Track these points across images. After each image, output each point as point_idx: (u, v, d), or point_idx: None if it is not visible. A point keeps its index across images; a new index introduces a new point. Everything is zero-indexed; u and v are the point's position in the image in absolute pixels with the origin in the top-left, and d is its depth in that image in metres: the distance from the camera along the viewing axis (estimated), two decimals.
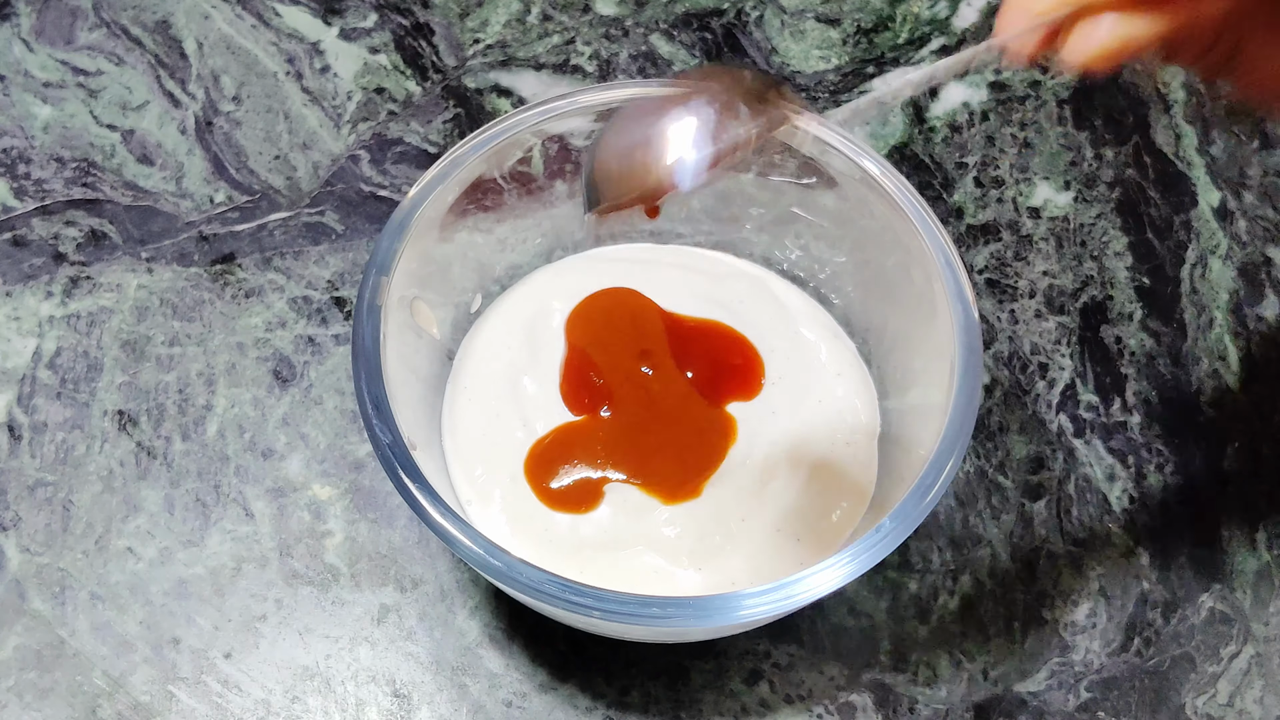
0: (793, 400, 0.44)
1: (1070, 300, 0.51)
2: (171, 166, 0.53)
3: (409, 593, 0.44)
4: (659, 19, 0.58)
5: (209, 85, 0.55)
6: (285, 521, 0.45)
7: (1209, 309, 0.51)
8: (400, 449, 0.36)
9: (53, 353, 0.48)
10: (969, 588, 0.45)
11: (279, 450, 0.46)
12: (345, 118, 0.54)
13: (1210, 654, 0.44)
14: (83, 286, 0.50)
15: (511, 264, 0.47)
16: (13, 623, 0.43)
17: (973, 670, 0.43)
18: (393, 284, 0.39)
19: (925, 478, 0.35)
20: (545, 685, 0.42)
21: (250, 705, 0.42)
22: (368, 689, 0.42)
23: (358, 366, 0.37)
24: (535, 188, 0.45)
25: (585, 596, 0.33)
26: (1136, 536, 0.46)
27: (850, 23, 0.58)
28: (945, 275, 0.39)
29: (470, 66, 0.56)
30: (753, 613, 0.34)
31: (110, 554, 0.44)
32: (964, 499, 0.46)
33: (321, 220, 0.52)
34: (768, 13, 0.58)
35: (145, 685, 0.42)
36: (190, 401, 0.47)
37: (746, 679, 0.43)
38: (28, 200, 0.52)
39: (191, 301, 0.49)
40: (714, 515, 0.41)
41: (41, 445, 0.46)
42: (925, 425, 0.39)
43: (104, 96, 0.54)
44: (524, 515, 0.41)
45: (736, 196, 0.46)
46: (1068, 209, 0.53)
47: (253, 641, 0.43)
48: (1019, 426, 0.48)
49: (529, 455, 0.42)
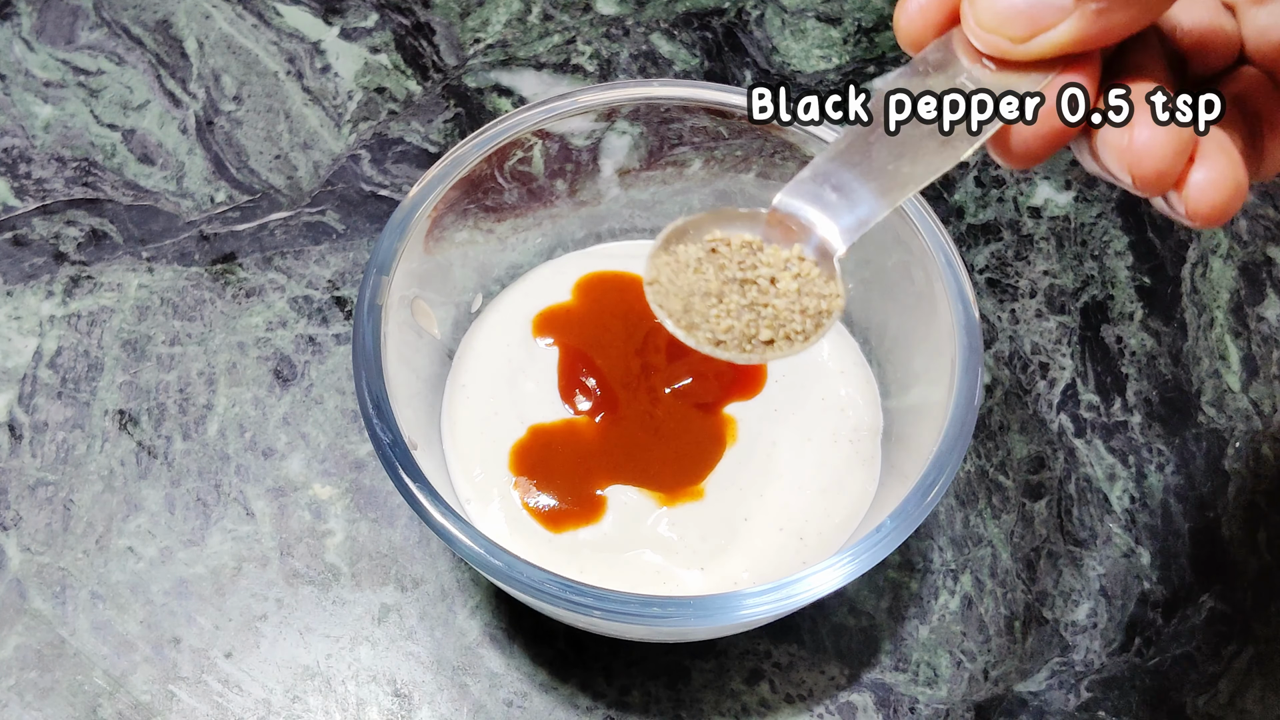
0: (795, 399, 0.44)
1: (1071, 300, 0.51)
2: (172, 166, 0.53)
3: (410, 592, 0.44)
4: (660, 18, 0.58)
5: (210, 85, 0.55)
6: (286, 521, 0.45)
7: (1210, 309, 0.51)
8: (401, 448, 0.36)
9: (53, 352, 0.48)
10: (969, 587, 0.45)
11: (279, 450, 0.46)
12: (346, 117, 0.54)
13: (1211, 654, 0.44)
14: (83, 286, 0.50)
15: (512, 263, 0.47)
16: (13, 622, 0.43)
17: (973, 670, 0.43)
18: (393, 283, 0.39)
19: (926, 477, 0.35)
20: (546, 685, 0.42)
21: (251, 705, 0.42)
22: (368, 688, 0.42)
23: (358, 366, 0.37)
24: (536, 187, 0.45)
25: (586, 596, 0.33)
26: (1136, 536, 0.46)
27: (851, 22, 0.58)
28: (946, 275, 0.39)
29: (471, 66, 0.56)
30: (753, 612, 0.34)
31: (111, 553, 0.44)
32: (964, 498, 0.46)
33: (322, 220, 0.52)
34: (768, 12, 0.58)
35: (146, 685, 0.42)
36: (191, 401, 0.47)
37: (747, 679, 0.43)
38: (28, 200, 0.52)
39: (192, 301, 0.49)
40: (716, 515, 0.41)
41: (42, 445, 0.46)
42: (926, 424, 0.39)
43: (105, 96, 0.54)
44: (524, 514, 0.41)
45: (737, 196, 0.46)
46: (1068, 208, 0.53)
47: (253, 641, 0.43)
48: (1019, 426, 0.48)
49: (521, 469, 0.42)
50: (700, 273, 0.29)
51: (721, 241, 0.30)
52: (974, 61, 0.26)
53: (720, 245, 0.30)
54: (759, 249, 0.30)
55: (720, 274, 0.29)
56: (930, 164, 0.27)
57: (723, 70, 0.56)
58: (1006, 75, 0.26)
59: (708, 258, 0.30)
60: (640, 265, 0.46)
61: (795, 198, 0.29)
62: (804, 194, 0.29)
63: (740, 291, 0.29)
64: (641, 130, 0.45)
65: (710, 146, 0.45)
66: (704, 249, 0.30)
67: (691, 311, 0.29)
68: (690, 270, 0.30)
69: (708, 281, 0.29)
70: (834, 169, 0.28)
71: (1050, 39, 0.24)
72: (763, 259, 0.29)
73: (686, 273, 0.30)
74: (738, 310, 0.29)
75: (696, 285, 0.29)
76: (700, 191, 0.47)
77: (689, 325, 0.29)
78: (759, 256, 0.30)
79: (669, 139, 0.45)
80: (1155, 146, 0.24)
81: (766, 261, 0.29)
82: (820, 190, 0.28)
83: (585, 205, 0.47)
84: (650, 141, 0.45)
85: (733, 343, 0.29)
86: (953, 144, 0.26)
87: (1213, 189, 0.24)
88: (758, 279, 0.29)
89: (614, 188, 0.47)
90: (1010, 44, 0.25)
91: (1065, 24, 0.24)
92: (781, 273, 0.29)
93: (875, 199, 0.28)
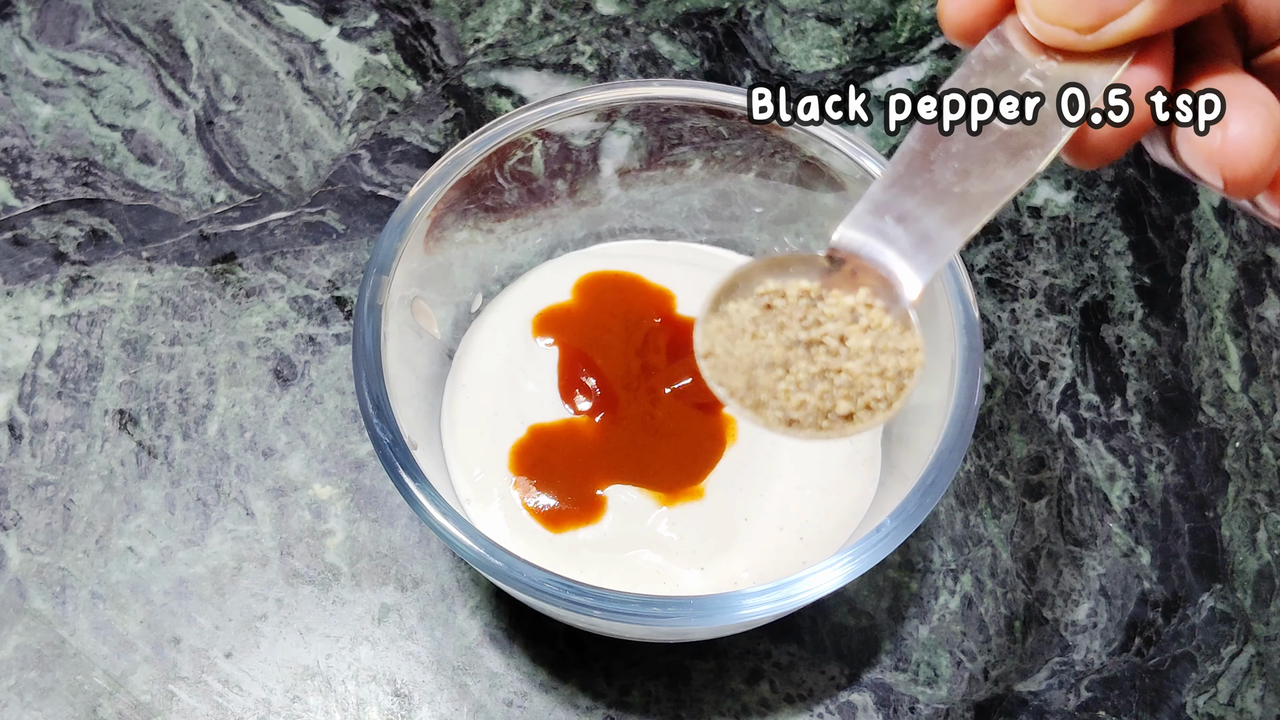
0: None
1: (1071, 300, 0.51)
2: (172, 166, 0.53)
3: (410, 592, 0.44)
4: (660, 18, 0.58)
5: (210, 85, 0.55)
6: (286, 521, 0.45)
7: (1210, 309, 0.51)
8: (401, 448, 0.36)
9: (53, 352, 0.48)
10: (969, 587, 0.45)
11: (280, 450, 0.46)
12: (346, 117, 0.54)
13: (1211, 654, 0.44)
14: (83, 286, 0.50)
15: (512, 263, 0.47)
16: (13, 622, 0.43)
17: (973, 670, 0.43)
18: (393, 283, 0.39)
19: (926, 477, 0.35)
20: (546, 685, 0.42)
21: (251, 705, 0.42)
22: (368, 688, 0.42)
23: (358, 366, 0.37)
24: (536, 187, 0.45)
25: (586, 596, 0.33)
26: (1136, 536, 0.46)
27: (851, 22, 0.58)
28: (946, 274, 0.39)
29: (471, 66, 0.56)
30: (753, 612, 0.34)
31: (111, 553, 0.44)
32: (964, 498, 0.46)
33: (322, 220, 0.52)
34: (768, 12, 0.58)
35: (146, 685, 0.42)
36: (191, 401, 0.47)
37: (747, 679, 0.43)
38: (28, 200, 0.52)
39: (192, 301, 0.49)
40: (716, 515, 0.41)
41: (42, 444, 0.46)
42: (926, 424, 0.39)
43: (105, 96, 0.54)
44: (524, 514, 0.41)
45: (737, 196, 0.46)
46: (1068, 208, 0.53)
47: (253, 641, 0.43)
48: (1019, 426, 0.48)
49: (521, 469, 0.42)
50: (759, 338, 0.26)
51: (776, 294, 0.26)
52: (1036, 54, 0.23)
53: (775, 299, 0.26)
54: (819, 298, 0.26)
55: (781, 336, 0.26)
56: (1003, 180, 0.24)
57: (723, 70, 0.56)
58: (1077, 66, 0.23)
59: (763, 316, 0.26)
60: (640, 264, 0.47)
61: (856, 232, 0.25)
62: (865, 228, 0.25)
63: (808, 357, 0.26)
64: (641, 130, 0.45)
65: (710, 146, 0.45)
66: (758, 306, 0.26)
67: (757, 388, 0.26)
68: (748, 336, 0.26)
69: (770, 349, 0.26)
70: (894, 196, 0.25)
71: (1122, 26, 0.22)
72: (826, 311, 0.26)
73: (744, 339, 0.26)
74: (809, 381, 0.26)
75: (758, 355, 0.26)
76: (700, 191, 0.47)
77: (755, 404, 0.26)
78: (821, 309, 0.26)
79: (669, 139, 0.45)
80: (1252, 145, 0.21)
81: (831, 314, 0.26)
82: (881, 223, 0.25)
83: (585, 205, 0.47)
84: (650, 141, 0.45)
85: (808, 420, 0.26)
86: (1026, 155, 0.23)
87: None
88: (824, 338, 0.26)
89: (614, 188, 0.47)
90: (1077, 35, 0.22)
91: (1138, 8, 0.21)
92: (850, 327, 0.26)
93: (947, 227, 0.24)
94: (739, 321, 0.27)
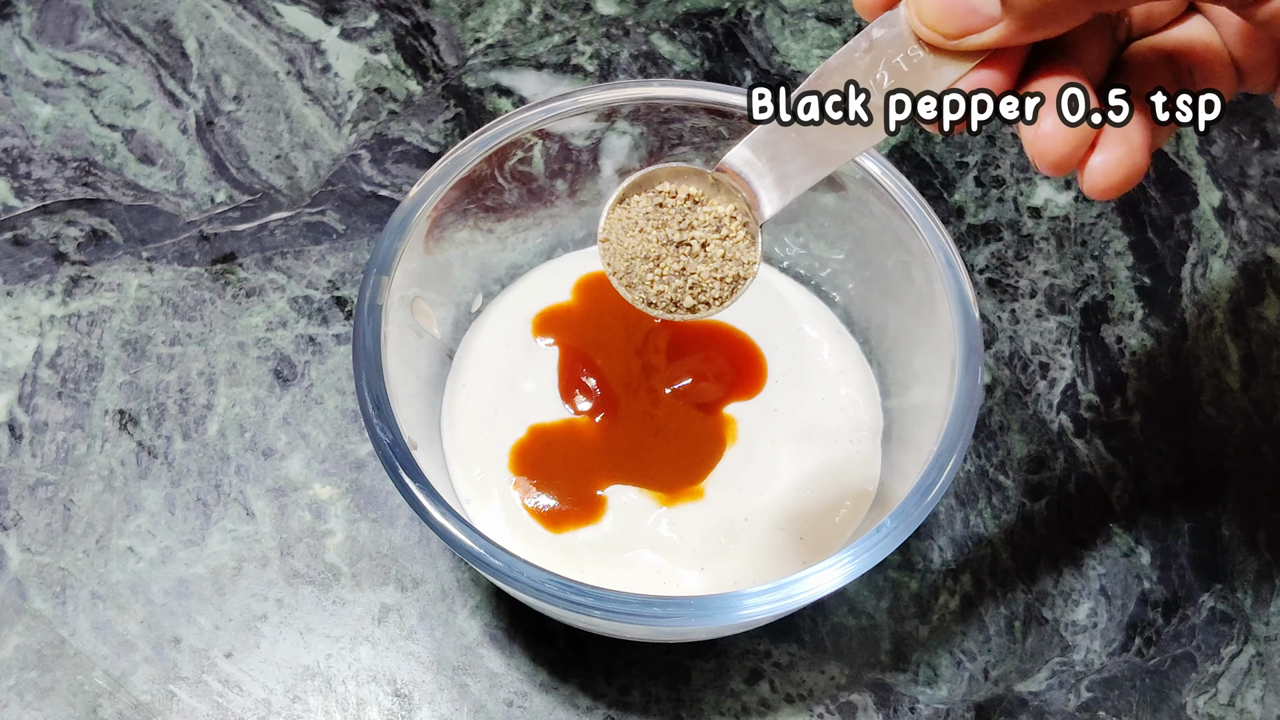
0: (795, 398, 0.44)
1: (1071, 300, 0.51)
2: (172, 166, 0.53)
3: (410, 592, 0.44)
4: (660, 19, 0.58)
5: (210, 85, 0.55)
6: (286, 521, 0.45)
7: (1209, 309, 0.51)
8: (401, 448, 0.36)
9: (53, 352, 0.48)
10: (970, 587, 0.45)
11: (280, 450, 0.46)
12: (346, 117, 0.54)
13: (1211, 654, 0.44)
14: (83, 286, 0.50)
15: (512, 263, 0.47)
16: (13, 622, 0.43)
17: (973, 670, 0.43)
18: (393, 283, 0.39)
19: (926, 477, 0.35)
20: (546, 685, 0.42)
21: (251, 705, 0.42)
22: (368, 688, 0.42)
23: (358, 366, 0.37)
24: (536, 187, 0.45)
25: (586, 596, 0.33)
26: (1136, 536, 0.46)
27: (851, 22, 0.58)
28: (946, 275, 0.39)
29: (471, 66, 0.56)
30: (753, 612, 0.34)
31: (111, 553, 0.44)
32: (965, 498, 0.46)
33: (322, 220, 0.52)
34: (768, 12, 0.58)
35: (146, 685, 0.42)
36: (191, 401, 0.47)
37: (747, 679, 0.43)
38: (28, 200, 0.52)
39: (192, 301, 0.49)
40: (717, 515, 0.41)
41: (42, 445, 0.46)
42: (926, 424, 0.39)
43: (105, 96, 0.54)
44: (524, 514, 0.41)
45: None
46: (1068, 208, 0.53)
47: (253, 641, 0.43)
48: (1020, 426, 0.48)
49: (521, 469, 0.42)
50: (644, 234, 0.33)
51: (669, 194, 0.33)
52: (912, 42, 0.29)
53: (667, 199, 0.33)
54: (699, 202, 0.33)
55: (661, 234, 0.33)
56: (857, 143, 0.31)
57: (723, 70, 0.56)
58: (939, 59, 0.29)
59: (655, 213, 0.33)
60: None
61: (739, 159, 0.32)
62: (745, 158, 0.32)
63: (674, 256, 0.33)
64: (641, 130, 0.45)
65: (710, 146, 0.45)
66: (653, 202, 0.33)
67: (632, 273, 0.33)
68: (637, 230, 0.33)
69: (649, 245, 0.33)
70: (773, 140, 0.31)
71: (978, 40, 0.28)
72: (699, 218, 0.33)
73: (633, 233, 0.33)
74: (669, 276, 0.33)
75: (639, 249, 0.33)
76: None
77: (628, 285, 0.33)
78: (698, 213, 0.33)
79: (669, 139, 0.45)
80: (1057, 138, 0.28)
81: (703, 221, 0.33)
82: (758, 158, 0.32)
83: (585, 205, 0.47)
84: (650, 141, 0.45)
85: (661, 305, 0.33)
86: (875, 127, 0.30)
87: (1103, 172, 0.28)
88: (691, 240, 0.33)
89: (614, 188, 0.47)
90: (944, 39, 0.28)
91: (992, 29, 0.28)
92: (713, 235, 0.33)
93: (802, 172, 0.31)
94: (635, 214, 0.33)
